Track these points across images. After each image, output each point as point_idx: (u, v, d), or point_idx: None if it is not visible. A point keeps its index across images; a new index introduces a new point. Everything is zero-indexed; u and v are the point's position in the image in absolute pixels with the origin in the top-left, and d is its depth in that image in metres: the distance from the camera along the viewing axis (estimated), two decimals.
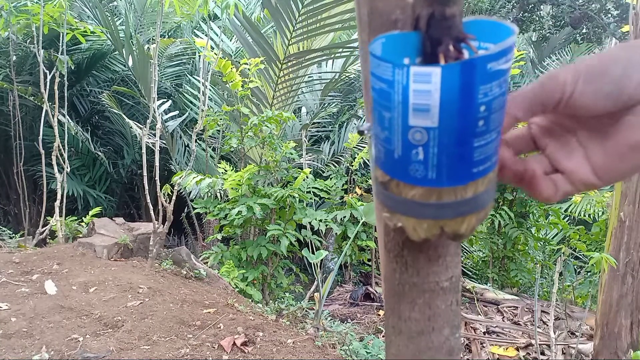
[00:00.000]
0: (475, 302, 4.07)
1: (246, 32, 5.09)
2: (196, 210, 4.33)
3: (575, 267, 5.07)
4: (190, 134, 4.42)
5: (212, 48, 4.39)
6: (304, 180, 4.02)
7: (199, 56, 5.89)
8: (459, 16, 0.37)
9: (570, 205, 5.06)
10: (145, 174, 3.39)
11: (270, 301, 3.65)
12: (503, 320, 3.77)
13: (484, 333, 3.47)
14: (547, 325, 3.15)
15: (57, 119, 4.07)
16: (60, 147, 3.99)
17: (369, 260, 4.99)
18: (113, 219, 3.84)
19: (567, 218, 5.22)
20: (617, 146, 0.42)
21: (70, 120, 5.41)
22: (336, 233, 4.29)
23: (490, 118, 0.37)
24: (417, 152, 0.38)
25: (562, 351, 3.22)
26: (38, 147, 4.07)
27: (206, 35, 4.11)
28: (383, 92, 0.37)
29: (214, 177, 4.00)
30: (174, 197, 3.39)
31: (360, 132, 0.49)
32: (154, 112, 3.47)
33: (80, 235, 3.86)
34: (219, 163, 4.67)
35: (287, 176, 4.25)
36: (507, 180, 0.47)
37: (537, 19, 12.40)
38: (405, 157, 0.39)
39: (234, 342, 2.31)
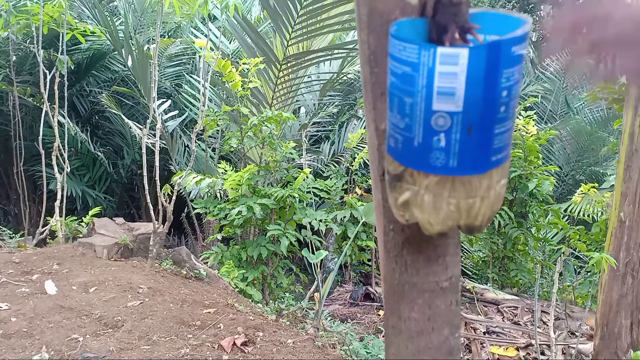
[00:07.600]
0: (475, 302, 4.07)
1: (245, 34, 5.09)
2: (196, 210, 4.32)
3: (575, 267, 5.06)
4: (190, 134, 4.42)
5: (212, 49, 4.39)
6: (304, 180, 4.02)
7: (199, 56, 5.88)
8: (465, 4, 0.37)
9: (570, 205, 5.05)
10: (145, 174, 3.38)
11: (270, 301, 3.64)
12: (503, 320, 3.77)
13: (484, 333, 3.47)
14: (547, 325, 3.15)
15: (57, 119, 4.07)
16: (60, 147, 3.99)
17: (369, 260, 4.99)
18: (113, 219, 3.84)
19: (567, 218, 5.21)
20: None
21: (69, 121, 5.40)
22: (336, 233, 4.29)
23: (510, 104, 0.37)
24: (439, 138, 0.37)
25: (562, 351, 3.22)
26: (38, 147, 4.07)
27: (205, 35, 4.12)
28: (406, 76, 0.36)
29: (214, 177, 4.00)
30: (174, 197, 3.38)
31: None
32: (154, 112, 3.47)
33: (80, 235, 3.86)
34: (218, 163, 4.67)
35: (287, 176, 4.25)
36: None
37: (537, 19, 12.41)
38: (426, 144, 0.37)
39: (234, 342, 2.31)
